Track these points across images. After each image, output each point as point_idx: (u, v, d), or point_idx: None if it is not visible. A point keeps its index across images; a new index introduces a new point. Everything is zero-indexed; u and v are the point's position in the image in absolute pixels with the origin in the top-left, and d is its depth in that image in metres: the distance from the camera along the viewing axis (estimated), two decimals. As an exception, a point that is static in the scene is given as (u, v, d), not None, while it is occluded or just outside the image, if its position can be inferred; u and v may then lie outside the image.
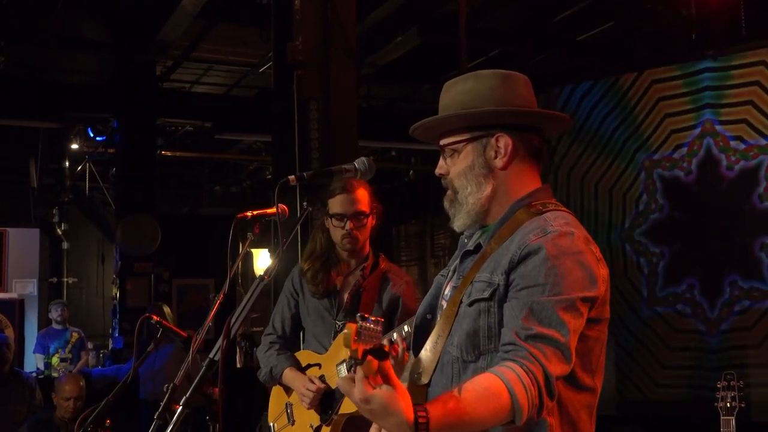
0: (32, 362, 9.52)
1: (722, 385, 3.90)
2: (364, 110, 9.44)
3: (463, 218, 1.98)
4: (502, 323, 1.83)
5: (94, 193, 12.15)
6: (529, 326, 1.76)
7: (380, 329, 1.59)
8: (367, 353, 1.54)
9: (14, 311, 10.25)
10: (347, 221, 3.46)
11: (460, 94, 1.97)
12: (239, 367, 11.56)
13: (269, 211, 2.64)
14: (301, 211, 3.50)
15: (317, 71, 4.80)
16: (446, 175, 1.99)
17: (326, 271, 3.55)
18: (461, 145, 1.96)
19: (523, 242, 1.84)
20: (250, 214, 2.65)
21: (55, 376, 8.00)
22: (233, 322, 2.15)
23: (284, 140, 5.08)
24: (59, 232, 12.66)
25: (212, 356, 2.14)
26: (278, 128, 5.27)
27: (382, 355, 1.55)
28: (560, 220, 1.89)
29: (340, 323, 3.51)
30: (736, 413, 3.84)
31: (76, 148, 10.34)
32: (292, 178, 2.26)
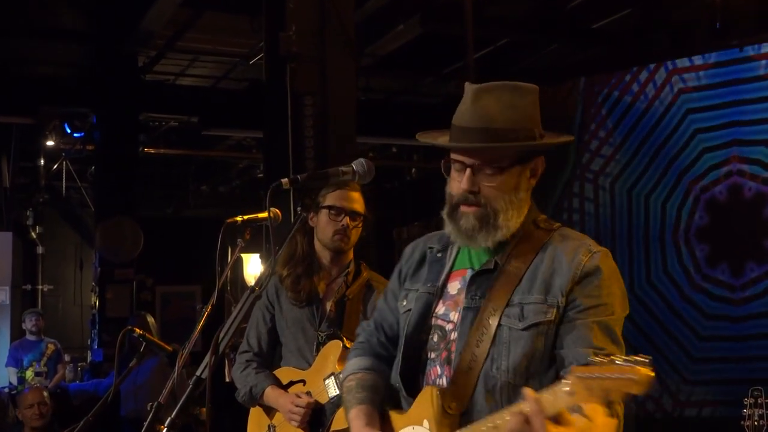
0: (4, 376, 9.51)
1: (749, 402, 3.89)
2: (362, 104, 9.44)
3: (493, 239, 2.02)
4: (555, 345, 1.96)
5: (71, 193, 12.16)
6: (601, 346, 1.90)
7: None
8: None
9: (-15, 321, 10.26)
10: (344, 216, 3.47)
11: (507, 108, 2.01)
12: (228, 381, 11.54)
13: (260, 215, 2.65)
14: (294, 216, 3.51)
15: (312, 64, 4.81)
16: (478, 192, 2.01)
17: (308, 276, 3.54)
18: (507, 164, 2.00)
19: (577, 263, 1.98)
20: (240, 218, 2.66)
21: (29, 391, 8.00)
22: (221, 337, 2.15)
23: (277, 137, 5.09)
24: (33, 235, 12.66)
25: (199, 374, 2.14)
26: (270, 124, 5.29)
27: None
28: (587, 238, 2.05)
29: (323, 334, 3.51)
30: (764, 432, 3.84)
31: (51, 145, 10.34)
32: (285, 181, 2.27)
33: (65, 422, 5.35)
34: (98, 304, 9.10)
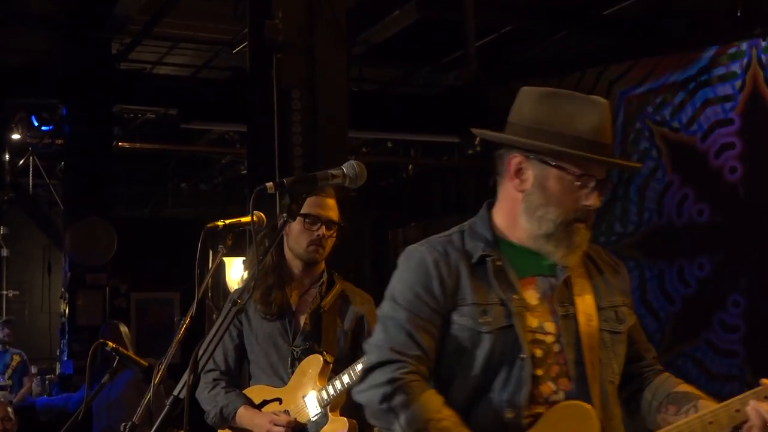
0: (-34, 390, 9.52)
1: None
2: (355, 95, 9.46)
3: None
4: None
5: (38, 191, 12.14)
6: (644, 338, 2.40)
7: None
8: None
9: (-56, 330, 10.23)
10: (320, 225, 3.49)
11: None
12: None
13: (243, 220, 2.67)
14: (280, 222, 3.52)
15: (300, 54, 4.82)
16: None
17: (279, 288, 3.55)
18: None
19: (623, 270, 2.36)
20: (221, 223, 2.67)
21: (-8, 406, 7.99)
22: (201, 353, 2.16)
23: (261, 133, 5.10)
24: (-3, 236, 12.66)
25: (177, 394, 2.15)
26: (254, 120, 5.30)
27: None
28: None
29: (298, 349, 3.53)
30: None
31: (17, 138, 10.32)
32: (269, 185, 2.28)
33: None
34: (68, 311, 9.09)
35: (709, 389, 2.25)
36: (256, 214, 2.60)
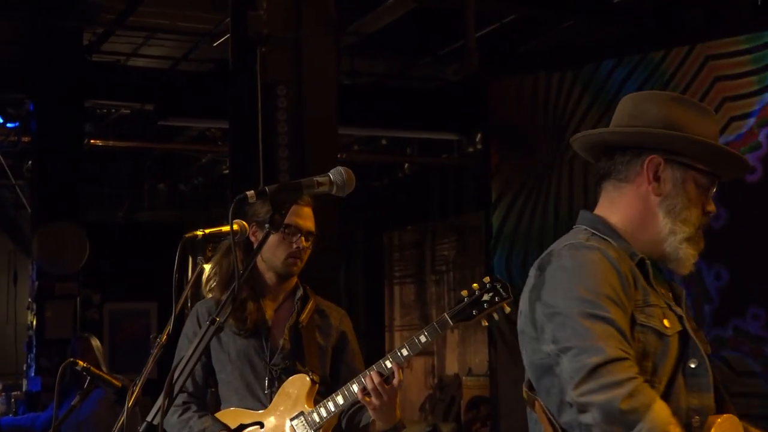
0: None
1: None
2: (346, 89, 9.49)
3: None
4: None
5: (4, 192, 12.15)
6: None
7: None
8: None
9: None
10: (300, 237, 3.51)
11: None
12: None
13: (224, 229, 2.68)
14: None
15: (286, 48, 4.84)
16: None
17: (255, 301, 3.57)
18: None
19: None
20: (200, 233, 2.68)
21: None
22: (176, 377, 2.18)
23: (244, 131, 5.12)
24: (-41, 242, 12.65)
25: (150, 420, 2.17)
26: (237, 116, 5.31)
27: None
28: None
29: (277, 368, 3.54)
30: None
31: (-20, 136, 10.35)
32: (251, 194, 2.30)
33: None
34: (35, 323, 9.09)
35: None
36: (238, 222, 2.62)
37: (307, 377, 3.50)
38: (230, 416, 3.52)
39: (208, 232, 2.69)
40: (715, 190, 2.37)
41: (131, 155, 12.47)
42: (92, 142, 10.44)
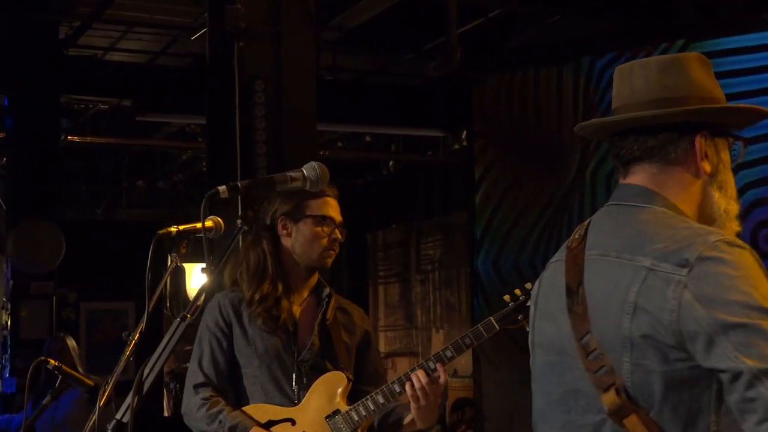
0: None
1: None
2: (329, 85, 9.51)
3: None
4: None
5: (-22, 190, 12.12)
6: None
7: None
8: None
9: None
10: (335, 229, 3.57)
11: None
12: (167, 415, 11.60)
13: (198, 225, 2.70)
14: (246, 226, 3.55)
15: (264, 42, 4.86)
16: None
17: (287, 298, 3.59)
18: None
19: None
20: (174, 229, 2.70)
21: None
22: (146, 374, 2.20)
23: (222, 128, 5.13)
24: (-68, 240, 12.61)
25: (119, 418, 2.19)
26: (214, 112, 5.33)
27: None
28: None
29: (306, 365, 3.56)
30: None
31: (-46, 132, 10.32)
32: (222, 189, 2.32)
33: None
34: (10, 323, 9.08)
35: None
36: (213, 218, 2.64)
37: (344, 375, 3.54)
38: (259, 411, 3.53)
39: (182, 228, 2.70)
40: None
41: (109, 152, 12.47)
42: (69, 138, 10.45)
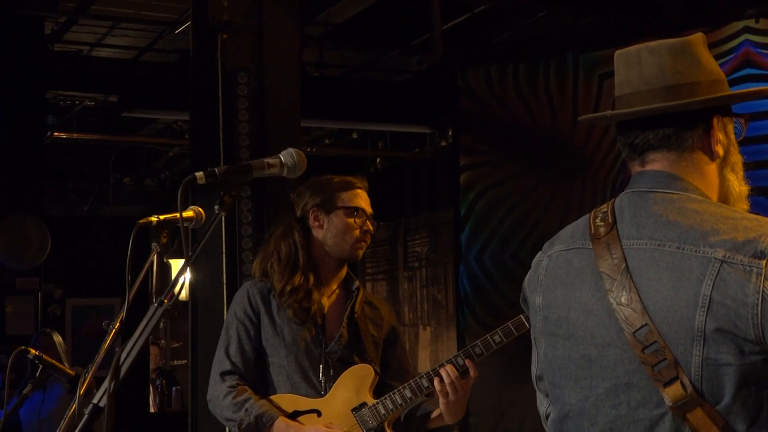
0: None
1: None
2: (315, 81, 9.52)
3: None
4: None
5: (-36, 186, 12.10)
6: None
7: None
8: None
9: None
10: (367, 220, 3.62)
11: None
12: (153, 412, 11.60)
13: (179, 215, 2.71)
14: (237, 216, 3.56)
15: (247, 34, 4.87)
16: None
17: (318, 290, 3.62)
18: None
19: None
20: (154, 219, 2.71)
21: None
22: (123, 358, 2.21)
23: (206, 122, 5.15)
24: None
25: (97, 402, 2.20)
26: (198, 107, 5.34)
27: None
28: None
29: (334, 356, 3.59)
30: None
31: (-61, 128, 10.30)
32: (199, 175, 2.34)
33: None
34: (-5, 319, 9.08)
35: None
36: (194, 208, 2.66)
37: (371, 368, 3.56)
38: (285, 401, 3.54)
39: (162, 218, 2.72)
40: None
41: (95, 148, 12.46)
42: (55, 134, 10.42)
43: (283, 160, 2.44)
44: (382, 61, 10.27)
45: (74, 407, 2.66)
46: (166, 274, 3.40)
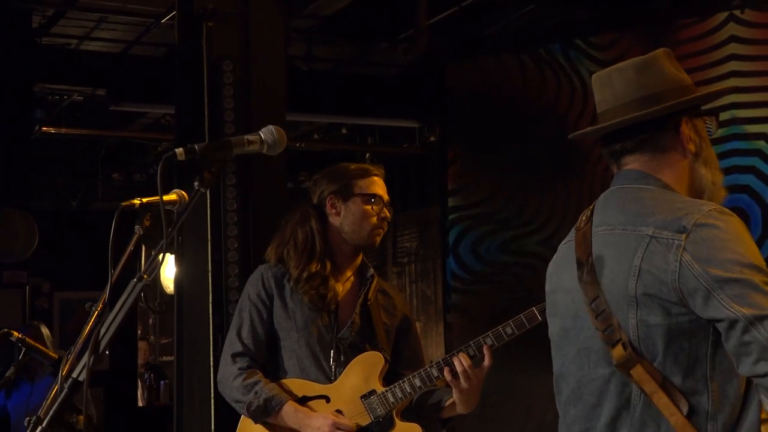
0: None
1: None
2: (304, 75, 9.52)
3: None
4: None
5: (-48, 181, 12.07)
6: None
7: None
8: None
9: None
10: (384, 207, 3.64)
11: None
12: (142, 405, 11.59)
13: (165, 198, 2.71)
14: (214, 194, 3.56)
15: (233, 22, 4.88)
16: None
17: (335, 277, 3.64)
18: None
19: None
20: (137, 201, 2.72)
21: None
22: (102, 333, 2.22)
23: (191, 113, 5.14)
24: None
25: (76, 376, 2.21)
26: (183, 97, 5.34)
27: None
28: None
29: (345, 342, 3.61)
30: None
31: (-73, 122, 10.28)
32: (179, 151, 2.35)
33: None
34: (-17, 313, 9.06)
35: None
36: (177, 192, 2.66)
37: (381, 356, 3.57)
38: (294, 386, 3.56)
39: (146, 201, 2.73)
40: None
41: (84, 143, 12.44)
42: (43, 129, 10.40)
43: (263, 137, 2.44)
44: (370, 55, 10.28)
45: (56, 388, 2.67)
46: (137, 247, 3.39)
